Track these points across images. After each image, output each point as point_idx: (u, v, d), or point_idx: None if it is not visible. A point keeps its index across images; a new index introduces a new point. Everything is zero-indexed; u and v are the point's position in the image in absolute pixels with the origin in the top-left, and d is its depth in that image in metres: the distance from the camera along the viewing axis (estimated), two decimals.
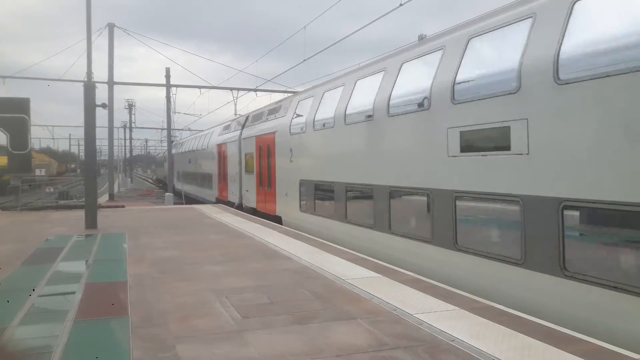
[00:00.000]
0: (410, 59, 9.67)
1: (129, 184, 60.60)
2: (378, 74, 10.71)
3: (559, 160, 6.01)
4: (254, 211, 19.51)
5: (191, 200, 32.04)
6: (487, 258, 7.14)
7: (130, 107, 64.52)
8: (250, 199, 20.42)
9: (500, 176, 6.93)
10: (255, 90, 32.90)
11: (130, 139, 72.35)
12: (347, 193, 11.68)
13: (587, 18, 5.88)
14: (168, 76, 31.04)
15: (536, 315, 5.96)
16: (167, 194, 29.36)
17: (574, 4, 6.02)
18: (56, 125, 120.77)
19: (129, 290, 7.22)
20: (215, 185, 27.24)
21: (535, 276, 6.29)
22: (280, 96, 31.26)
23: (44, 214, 18.98)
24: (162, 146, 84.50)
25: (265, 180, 18.17)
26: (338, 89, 12.64)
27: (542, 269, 6.20)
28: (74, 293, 7.13)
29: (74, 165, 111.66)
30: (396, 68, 10.02)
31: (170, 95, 31.48)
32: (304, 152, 14.48)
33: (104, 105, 15.28)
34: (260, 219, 16.78)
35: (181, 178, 39.82)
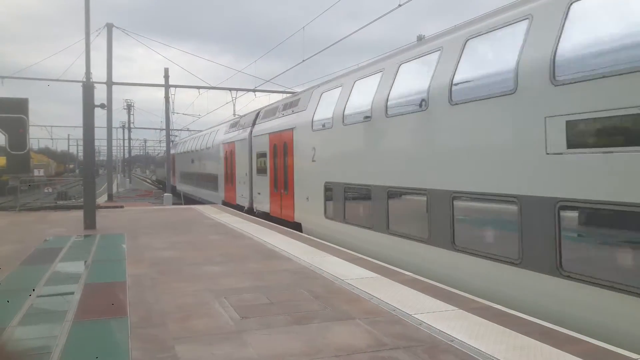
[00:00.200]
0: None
1: (127, 185, 60.56)
2: (434, 53, 8.80)
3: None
4: (267, 216, 17.38)
5: (193, 202, 31.92)
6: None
7: (129, 108, 64.58)
8: (262, 203, 18.33)
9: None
10: (254, 90, 32.91)
11: (129, 139, 72.46)
12: (389, 199, 9.83)
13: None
14: (167, 76, 30.99)
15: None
16: (166, 194, 29.32)
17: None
18: (55, 126, 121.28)
19: (128, 291, 7.22)
20: (222, 186, 25.53)
21: None
22: (279, 96, 31.24)
23: (42, 215, 18.96)
24: (161, 146, 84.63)
25: (281, 183, 16.15)
26: (375, 75, 10.86)
27: None
28: (73, 293, 7.13)
29: (72, 166, 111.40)
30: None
31: (169, 95, 31.44)
32: (331, 151, 12.60)
33: (102, 105, 15.29)
34: (260, 219, 16.66)
35: (183, 179, 39.14)
